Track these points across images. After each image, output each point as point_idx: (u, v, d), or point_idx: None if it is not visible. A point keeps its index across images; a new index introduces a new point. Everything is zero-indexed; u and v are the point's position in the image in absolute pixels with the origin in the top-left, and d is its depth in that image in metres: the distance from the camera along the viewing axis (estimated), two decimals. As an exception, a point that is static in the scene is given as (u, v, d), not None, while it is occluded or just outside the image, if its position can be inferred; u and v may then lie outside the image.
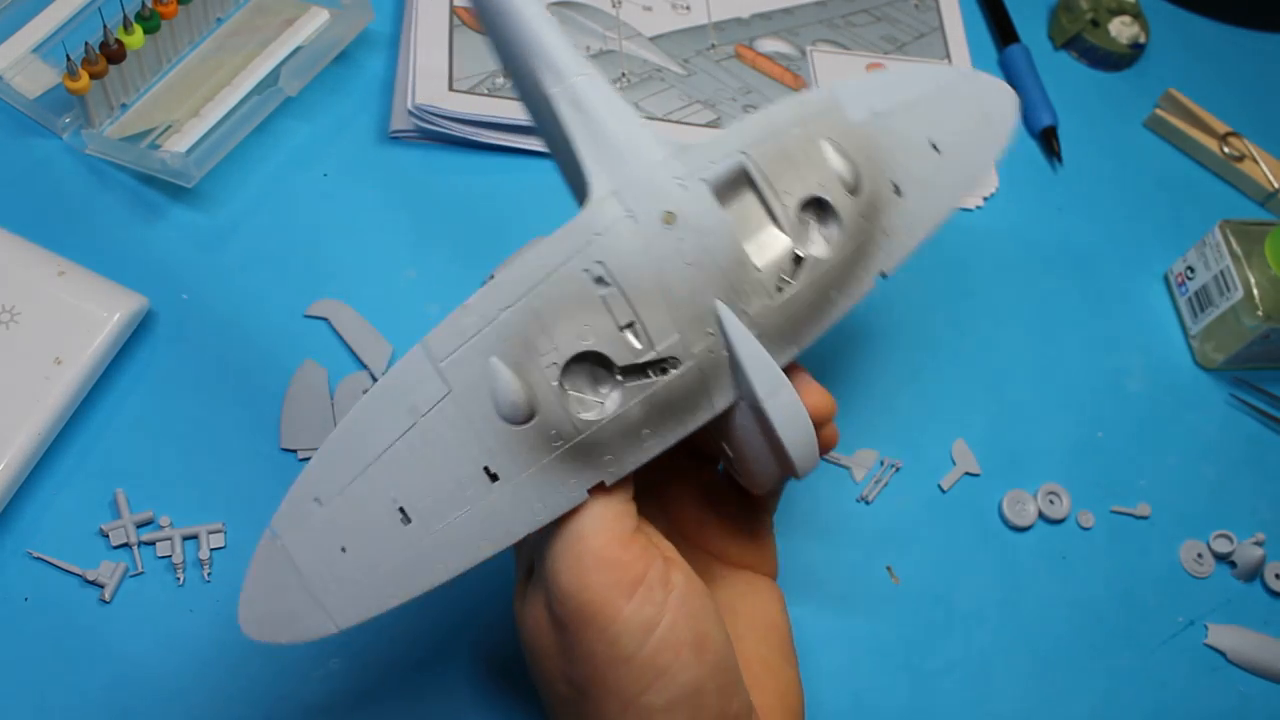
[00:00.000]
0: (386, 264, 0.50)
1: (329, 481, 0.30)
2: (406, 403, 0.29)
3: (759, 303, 0.31)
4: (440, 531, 0.30)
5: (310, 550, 0.29)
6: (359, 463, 0.30)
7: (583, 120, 0.32)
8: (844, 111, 0.35)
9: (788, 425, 0.31)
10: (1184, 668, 0.47)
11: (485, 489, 0.30)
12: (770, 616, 0.38)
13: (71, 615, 0.40)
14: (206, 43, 0.53)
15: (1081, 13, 0.65)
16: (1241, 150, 0.62)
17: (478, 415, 0.29)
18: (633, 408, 0.30)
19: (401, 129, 0.53)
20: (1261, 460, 0.53)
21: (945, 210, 0.37)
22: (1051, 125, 0.61)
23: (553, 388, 0.29)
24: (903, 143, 0.36)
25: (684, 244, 0.30)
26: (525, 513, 0.30)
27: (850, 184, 0.34)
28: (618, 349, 0.30)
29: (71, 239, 0.46)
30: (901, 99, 0.37)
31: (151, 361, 0.45)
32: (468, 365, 0.29)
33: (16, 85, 0.50)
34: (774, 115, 0.34)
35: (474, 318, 0.29)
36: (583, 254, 0.30)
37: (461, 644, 0.42)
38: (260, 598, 0.29)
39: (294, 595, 0.29)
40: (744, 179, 0.32)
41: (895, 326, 0.53)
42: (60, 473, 0.42)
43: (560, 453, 0.30)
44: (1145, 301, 0.57)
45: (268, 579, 0.30)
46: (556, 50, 0.32)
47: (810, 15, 0.63)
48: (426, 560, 0.30)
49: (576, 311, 0.30)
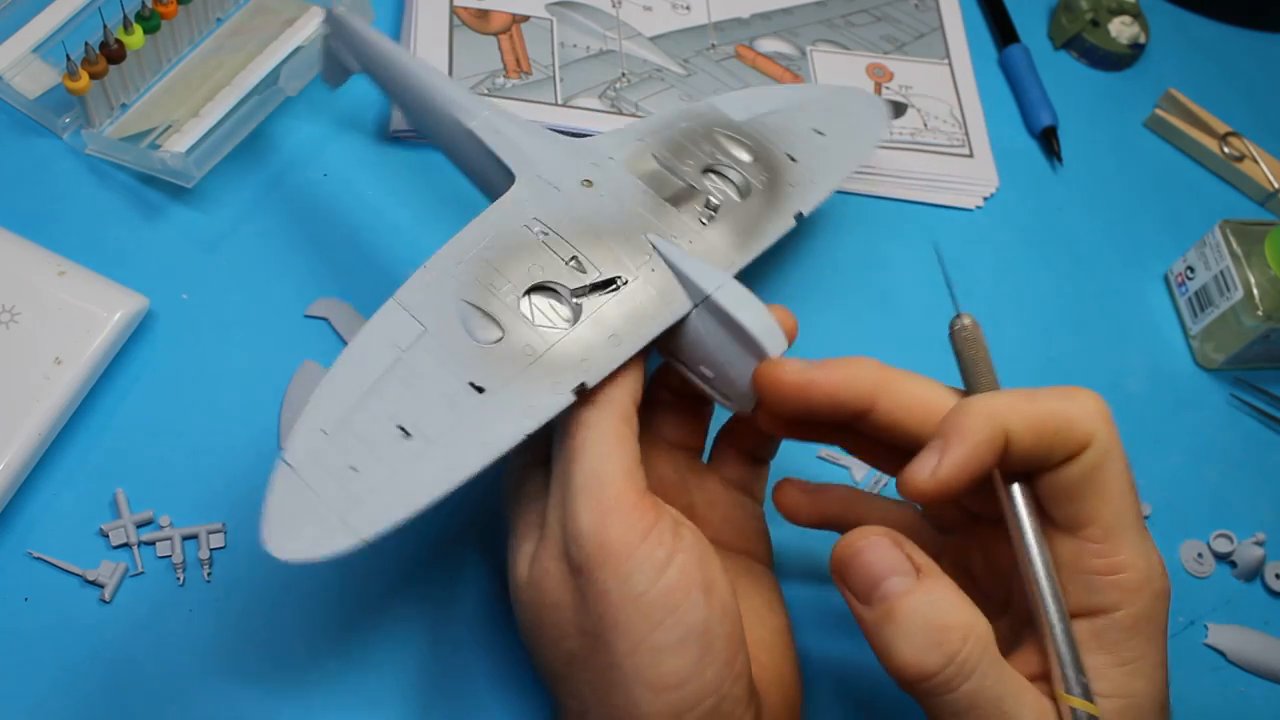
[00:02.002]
0: (386, 264, 0.50)
1: (330, 414, 0.32)
2: (388, 343, 0.33)
3: (687, 236, 0.38)
4: (439, 442, 0.32)
5: (324, 474, 0.31)
6: (355, 395, 0.32)
7: (502, 139, 0.40)
8: (726, 114, 0.44)
9: (740, 306, 0.35)
10: (1184, 668, 0.47)
11: (475, 400, 0.33)
12: (768, 601, 0.39)
13: (71, 615, 0.40)
14: (206, 43, 0.53)
15: (1081, 13, 0.65)
16: (1241, 150, 0.62)
17: (454, 342, 0.34)
18: (593, 319, 0.35)
19: (401, 129, 0.53)
20: (1261, 460, 0.53)
21: (843, 171, 0.45)
22: (1051, 125, 0.61)
23: (517, 312, 0.34)
24: (787, 130, 0.44)
25: (605, 199, 0.38)
26: (515, 418, 0.33)
27: (745, 157, 0.42)
28: (565, 276, 0.35)
29: (71, 239, 0.47)
30: (775, 105, 0.45)
31: (151, 361, 0.45)
32: (437, 307, 0.34)
33: (16, 85, 0.50)
34: (664, 115, 0.42)
35: (435, 273, 0.35)
36: (519, 214, 0.37)
37: (461, 644, 0.42)
38: (283, 521, 0.30)
39: (316, 514, 0.31)
40: (649, 157, 0.40)
41: (895, 326, 0.53)
42: (60, 473, 0.42)
43: (534, 362, 0.34)
44: (1145, 301, 0.57)
45: (288, 503, 0.31)
46: (464, 97, 0.41)
47: (810, 15, 0.63)
48: (432, 469, 0.32)
49: (524, 255, 0.36)
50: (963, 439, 0.32)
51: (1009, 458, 0.32)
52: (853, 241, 0.56)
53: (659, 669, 0.31)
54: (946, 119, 0.60)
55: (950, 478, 0.32)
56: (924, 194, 0.58)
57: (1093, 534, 0.33)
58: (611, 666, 0.31)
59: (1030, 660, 0.34)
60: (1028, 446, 0.32)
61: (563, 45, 0.57)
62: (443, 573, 0.43)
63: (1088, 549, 0.33)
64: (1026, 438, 0.32)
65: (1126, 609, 0.32)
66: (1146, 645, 0.33)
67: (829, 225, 0.56)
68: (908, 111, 0.60)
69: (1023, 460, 0.33)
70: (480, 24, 0.57)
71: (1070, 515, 0.33)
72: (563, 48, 0.57)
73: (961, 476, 0.32)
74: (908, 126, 0.59)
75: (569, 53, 0.57)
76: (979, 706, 0.31)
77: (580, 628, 0.32)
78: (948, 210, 0.58)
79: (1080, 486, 0.32)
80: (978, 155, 0.59)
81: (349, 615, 0.41)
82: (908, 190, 0.58)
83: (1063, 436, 0.32)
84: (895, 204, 0.57)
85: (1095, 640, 0.33)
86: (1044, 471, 0.33)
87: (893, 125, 0.59)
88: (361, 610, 0.42)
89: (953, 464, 0.32)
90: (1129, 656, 0.33)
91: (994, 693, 0.31)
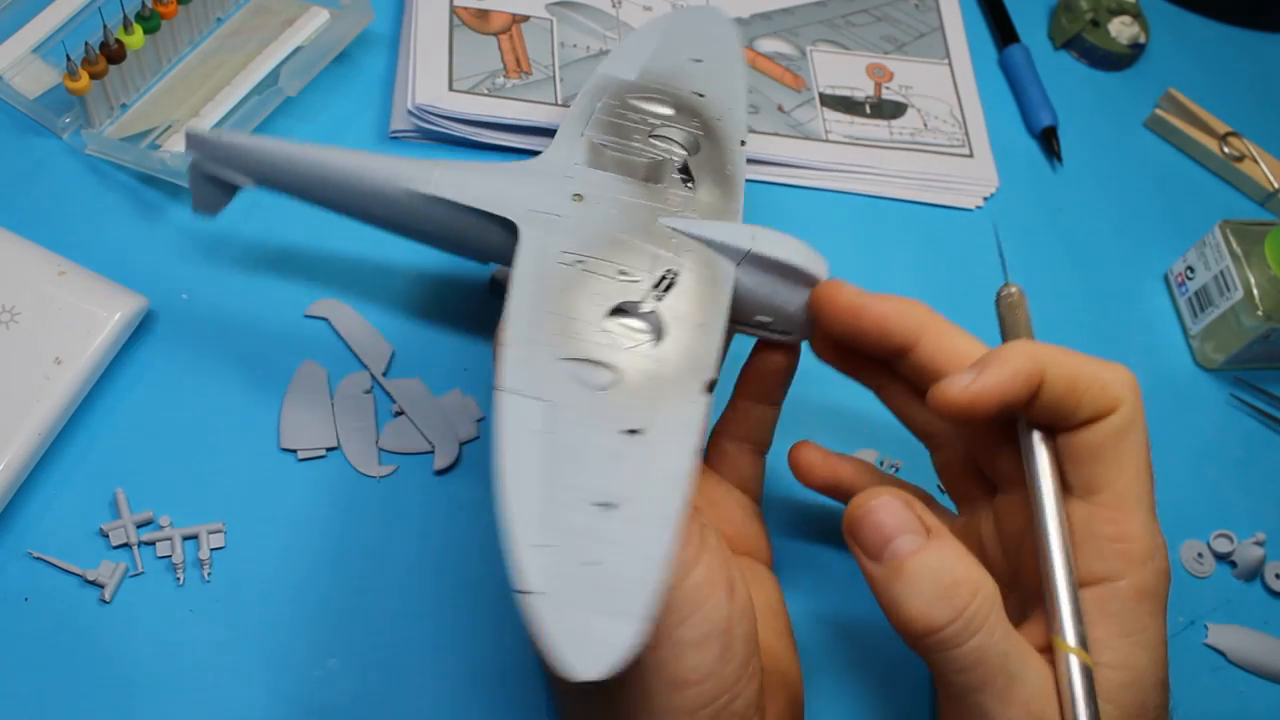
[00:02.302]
0: (386, 264, 0.50)
1: (531, 527, 0.30)
2: (527, 432, 0.31)
3: (689, 206, 0.39)
4: (638, 498, 0.31)
5: (572, 584, 0.29)
6: (537, 497, 0.30)
7: (474, 191, 0.38)
8: (622, 78, 0.44)
9: (781, 248, 0.37)
10: (1184, 668, 0.47)
11: (637, 443, 0.32)
12: (771, 601, 0.39)
13: (71, 615, 0.40)
14: (206, 43, 0.53)
15: (1081, 13, 0.65)
16: (1241, 150, 0.62)
17: (582, 401, 0.32)
18: (674, 319, 0.35)
19: (401, 129, 0.53)
20: (1261, 460, 0.53)
21: (740, 86, 0.46)
22: (1051, 125, 0.61)
23: (612, 345, 0.34)
24: (675, 70, 0.45)
25: (602, 204, 0.38)
26: (680, 440, 0.32)
27: (668, 111, 0.43)
28: (625, 292, 0.35)
29: (71, 239, 0.47)
30: (648, 50, 0.46)
31: (151, 361, 0.45)
32: (545, 377, 0.32)
33: (16, 85, 0.50)
34: (577, 108, 0.42)
35: (519, 347, 0.33)
36: (547, 254, 0.36)
37: (461, 644, 0.42)
38: (571, 645, 0.28)
39: (592, 623, 0.29)
40: (600, 149, 0.40)
41: (895, 326, 0.53)
42: (60, 473, 0.42)
43: (658, 382, 0.34)
44: (1145, 301, 0.57)
45: (562, 628, 0.29)
46: (405, 165, 0.38)
47: (810, 15, 0.63)
48: (649, 523, 0.31)
49: (578, 290, 0.35)
50: (1001, 365, 0.33)
51: (1038, 403, 0.34)
52: (853, 241, 0.56)
53: (681, 664, 0.32)
54: (946, 119, 0.60)
55: (982, 394, 0.33)
56: (924, 194, 0.58)
57: (1106, 499, 0.34)
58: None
59: (1037, 633, 0.34)
60: (1058, 394, 0.33)
61: (563, 45, 0.57)
62: (443, 572, 0.43)
63: (1099, 514, 0.34)
64: (1059, 384, 0.33)
65: (1130, 579, 0.33)
66: (1149, 619, 0.33)
67: (829, 225, 0.56)
68: (908, 111, 0.60)
69: (1051, 409, 0.34)
70: (480, 24, 0.57)
71: (1086, 479, 0.34)
72: (563, 48, 0.57)
73: (992, 397, 0.33)
74: (908, 126, 0.59)
75: (569, 53, 0.57)
76: (985, 663, 0.32)
77: None
78: (948, 210, 0.58)
79: (1101, 449, 0.34)
80: (978, 155, 0.59)
81: (349, 615, 0.41)
82: (908, 190, 0.58)
83: (1093, 394, 0.33)
84: (895, 204, 0.57)
85: (1099, 608, 0.33)
86: (1067, 430, 0.34)
87: (892, 125, 0.59)
88: (361, 610, 0.42)
89: (987, 383, 0.33)
90: (1132, 628, 0.33)
91: (1000, 649, 0.32)
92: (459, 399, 0.46)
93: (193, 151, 0.40)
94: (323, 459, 0.44)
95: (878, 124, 0.59)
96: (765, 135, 0.57)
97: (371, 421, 0.45)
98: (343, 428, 0.45)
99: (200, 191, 0.41)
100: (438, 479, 0.45)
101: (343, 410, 0.45)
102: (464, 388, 0.47)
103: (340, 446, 0.44)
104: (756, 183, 0.56)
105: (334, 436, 0.45)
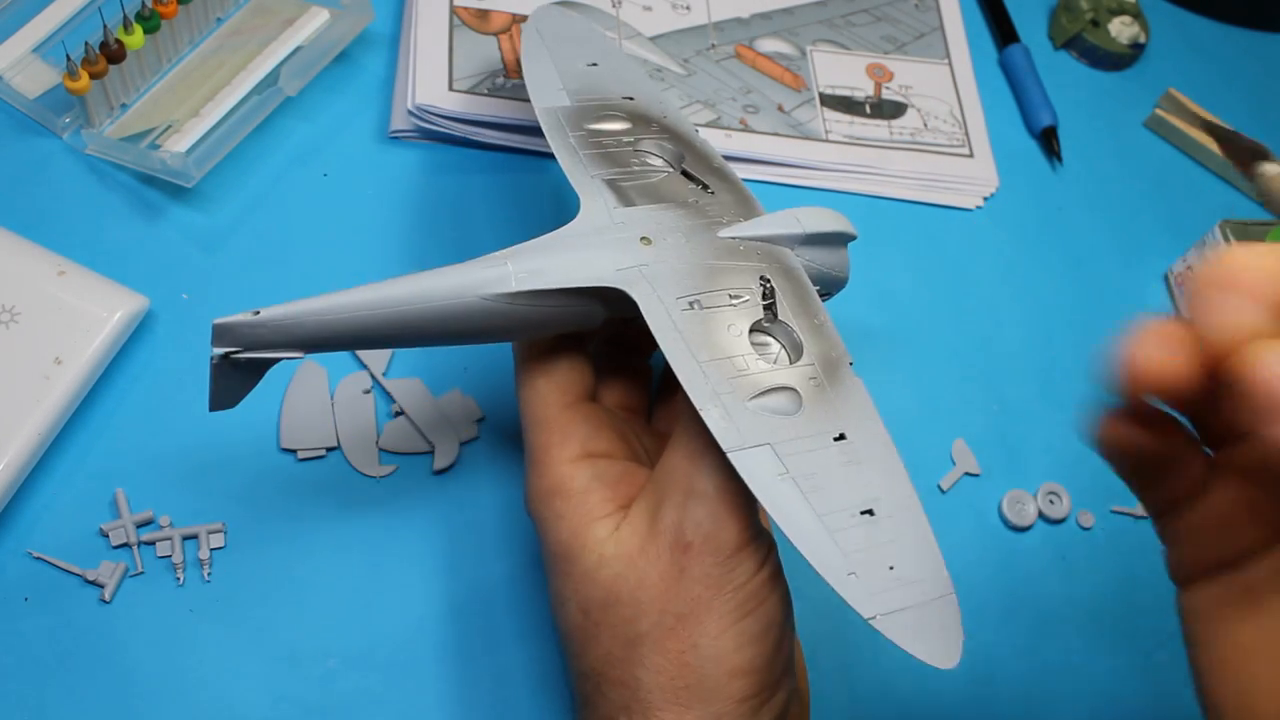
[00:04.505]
0: (386, 264, 0.50)
1: (835, 560, 0.32)
2: (774, 477, 0.33)
3: (724, 210, 0.39)
4: (882, 492, 0.33)
5: (895, 591, 0.32)
6: (818, 530, 0.32)
7: (548, 276, 0.35)
8: (559, 104, 0.42)
9: (828, 221, 0.40)
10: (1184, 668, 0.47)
11: (850, 447, 0.34)
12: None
13: (71, 615, 0.40)
14: (206, 43, 0.53)
15: (1081, 13, 0.65)
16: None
17: (791, 429, 0.34)
18: (797, 324, 0.36)
19: (401, 129, 0.53)
20: (1261, 460, 0.53)
21: (647, 80, 0.45)
22: (1051, 125, 0.61)
23: (776, 368, 0.35)
24: (590, 80, 0.44)
25: (670, 241, 0.37)
26: (877, 432, 0.35)
27: (622, 125, 0.42)
28: (752, 310, 0.36)
29: (71, 239, 0.47)
30: (553, 69, 0.44)
31: (151, 361, 0.45)
32: (750, 423, 0.33)
33: (16, 85, 0.50)
34: (558, 152, 0.40)
35: (715, 407, 0.33)
36: (669, 307, 0.35)
37: (461, 644, 0.42)
38: (929, 644, 0.31)
39: (927, 620, 0.32)
40: (616, 185, 0.39)
41: (895, 326, 0.53)
42: (60, 473, 0.42)
43: (832, 383, 0.35)
44: (1145, 301, 0.57)
45: (917, 633, 0.31)
46: (473, 273, 0.34)
47: (810, 15, 0.63)
48: (905, 513, 0.33)
49: (714, 329, 0.35)
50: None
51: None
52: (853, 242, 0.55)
53: (741, 654, 0.33)
54: (946, 119, 0.60)
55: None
56: (924, 194, 0.58)
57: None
58: (692, 647, 0.33)
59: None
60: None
61: (563, 45, 0.57)
62: (442, 572, 0.43)
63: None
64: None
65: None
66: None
67: (829, 225, 0.56)
68: (908, 111, 0.60)
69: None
70: (480, 24, 0.57)
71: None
72: (563, 48, 0.57)
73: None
74: (908, 126, 0.59)
75: (569, 53, 0.57)
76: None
77: (664, 608, 0.34)
78: (948, 210, 0.58)
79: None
80: (978, 155, 0.59)
81: (349, 615, 0.41)
82: (908, 190, 0.58)
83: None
84: (895, 204, 0.57)
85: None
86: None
87: (892, 125, 0.59)
88: (361, 610, 0.42)
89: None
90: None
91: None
92: (459, 399, 0.46)
93: (222, 346, 0.33)
94: (323, 459, 0.44)
95: (878, 124, 0.59)
96: (765, 135, 0.57)
97: (371, 421, 0.45)
98: (342, 428, 0.45)
99: (223, 386, 0.34)
100: (437, 479, 0.45)
101: (342, 410, 0.45)
102: (464, 388, 0.47)
103: (340, 446, 0.44)
104: (757, 183, 0.56)
105: (334, 436, 0.45)
